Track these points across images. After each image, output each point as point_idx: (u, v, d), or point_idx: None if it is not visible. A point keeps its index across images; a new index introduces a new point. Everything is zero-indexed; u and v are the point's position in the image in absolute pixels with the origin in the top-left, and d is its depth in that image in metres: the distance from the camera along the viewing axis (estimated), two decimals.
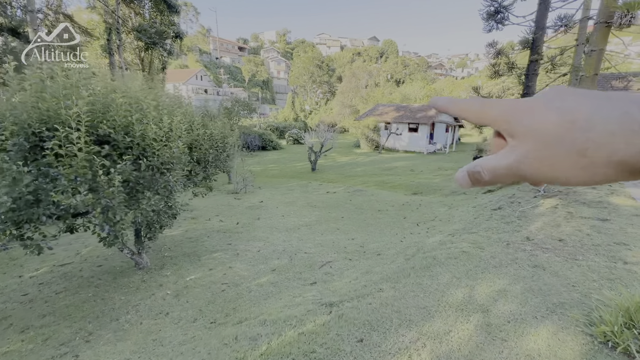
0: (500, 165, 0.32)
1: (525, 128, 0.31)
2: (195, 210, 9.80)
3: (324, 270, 5.30)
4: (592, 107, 0.28)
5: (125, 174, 3.94)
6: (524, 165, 0.31)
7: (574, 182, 0.30)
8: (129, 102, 4.13)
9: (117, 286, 5.29)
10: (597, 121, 0.27)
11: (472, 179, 0.34)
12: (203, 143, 5.92)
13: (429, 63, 76.51)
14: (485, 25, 11.47)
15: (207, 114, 7.99)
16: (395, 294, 3.06)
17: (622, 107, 0.27)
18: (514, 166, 0.31)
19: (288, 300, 4.08)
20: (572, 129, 0.28)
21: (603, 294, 2.44)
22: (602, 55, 7.06)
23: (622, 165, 0.27)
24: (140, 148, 4.20)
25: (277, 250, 6.42)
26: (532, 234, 4.48)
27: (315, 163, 18.19)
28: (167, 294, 4.95)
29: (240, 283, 5.07)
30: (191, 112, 5.84)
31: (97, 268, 6.01)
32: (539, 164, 0.30)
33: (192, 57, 67.33)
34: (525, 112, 0.31)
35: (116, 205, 3.82)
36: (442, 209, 9.27)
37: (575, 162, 0.28)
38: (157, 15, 21.56)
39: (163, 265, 6.02)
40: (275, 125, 38.49)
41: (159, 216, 4.86)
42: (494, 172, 0.32)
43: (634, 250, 3.57)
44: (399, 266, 4.23)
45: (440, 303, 2.77)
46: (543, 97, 0.31)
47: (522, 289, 2.90)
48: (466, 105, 0.35)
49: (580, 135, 0.28)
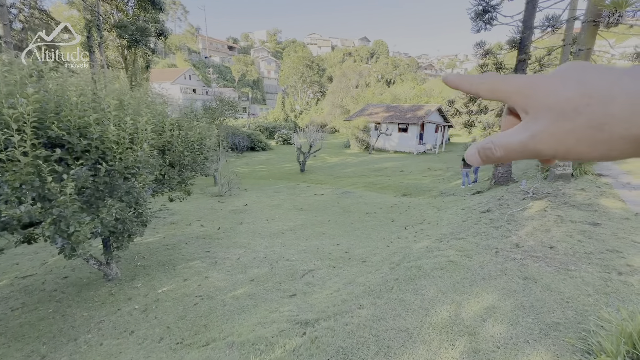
0: (513, 141, 0.31)
1: (542, 103, 0.30)
2: (176, 215, 9.38)
3: (305, 279, 4.99)
4: (613, 80, 0.27)
5: (81, 180, 3.56)
6: (539, 140, 0.30)
7: (588, 157, 0.30)
8: (86, 100, 3.74)
9: (81, 300, 4.89)
10: (618, 95, 0.27)
11: (482, 156, 0.33)
12: (177, 145, 5.55)
13: (419, 63, 76.99)
14: (473, 25, 11.37)
15: (189, 114, 7.59)
16: (375, 313, 2.78)
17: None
18: (529, 141, 0.31)
19: (263, 316, 3.76)
20: (591, 103, 0.28)
21: (601, 314, 2.21)
22: (590, 55, 6.95)
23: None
24: (99, 151, 3.82)
25: (257, 258, 6.09)
26: (521, 240, 4.26)
27: (304, 164, 17.87)
28: (135, 308, 4.57)
29: (215, 295, 4.72)
30: (163, 112, 5.46)
31: (62, 280, 5.58)
32: (555, 139, 0.29)
33: (181, 56, 66.19)
34: (543, 87, 0.31)
35: (69, 216, 3.44)
36: (431, 211, 9.07)
37: (592, 137, 0.28)
38: (140, 12, 20.90)
39: (135, 275, 5.62)
40: (265, 125, 37.98)
41: (125, 225, 4.47)
42: (506, 148, 0.32)
43: (627, 258, 3.38)
44: (383, 277, 3.96)
45: (423, 324, 2.50)
46: (562, 72, 0.31)
47: (513, 305, 2.65)
48: (479, 80, 0.35)
49: (600, 109, 0.27)
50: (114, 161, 3.90)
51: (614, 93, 0.27)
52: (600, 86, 0.28)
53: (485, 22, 11.10)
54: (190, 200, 11.00)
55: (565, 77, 0.30)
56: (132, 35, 18.09)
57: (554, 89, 0.30)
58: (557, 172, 7.78)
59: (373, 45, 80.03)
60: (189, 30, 79.24)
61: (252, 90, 67.90)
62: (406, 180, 15.02)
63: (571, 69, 0.30)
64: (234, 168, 17.75)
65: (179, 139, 5.57)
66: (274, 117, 49.71)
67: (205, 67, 66.73)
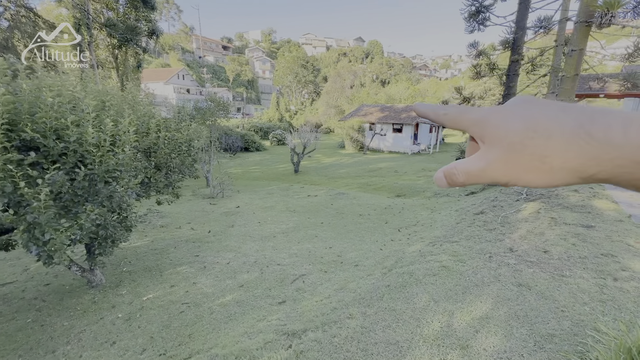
0: (473, 168, 0.34)
1: (494, 134, 0.33)
2: (166, 217, 9.19)
3: (295, 285, 4.86)
4: (551, 117, 0.30)
5: (57, 185, 3.39)
6: (493, 168, 0.33)
7: (535, 185, 0.33)
8: (63, 101, 3.57)
9: (63, 309, 4.70)
10: (555, 131, 0.30)
11: (448, 180, 0.36)
12: (163, 147, 5.38)
13: (413, 64, 77.32)
14: (467, 25, 11.35)
15: (178, 115, 7.41)
16: (364, 324, 2.66)
17: (576, 118, 0.29)
18: (485, 169, 0.33)
19: (249, 325, 3.62)
20: (535, 137, 0.30)
21: (597, 325, 2.11)
22: (582, 55, 6.92)
23: (575, 172, 0.30)
24: (77, 155, 3.65)
25: (248, 262, 5.94)
26: (515, 244, 4.18)
27: (297, 165, 17.72)
28: (118, 317, 4.40)
29: (202, 303, 4.57)
30: (149, 112, 5.28)
31: (44, 287, 5.38)
32: (506, 167, 0.32)
33: (174, 56, 65.58)
34: (495, 120, 0.33)
35: (45, 222, 3.27)
36: (425, 213, 9.00)
37: (536, 167, 0.31)
38: (131, 10, 20.58)
39: (120, 282, 5.45)
40: (259, 125, 37.71)
41: (107, 230, 4.30)
42: (467, 174, 0.35)
43: (622, 263, 3.30)
44: (374, 283, 3.84)
45: (413, 336, 2.39)
46: (510, 106, 0.34)
47: (507, 314, 2.55)
48: (443, 111, 0.38)
49: (542, 142, 0.30)
50: (94, 165, 3.73)
51: (552, 129, 0.30)
52: (542, 121, 0.30)
53: (479, 23, 11.09)
54: (181, 202, 10.80)
55: (513, 111, 0.33)
56: (122, 34, 17.77)
57: (504, 122, 0.32)
58: None
59: (368, 45, 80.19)
60: (183, 29, 78.58)
61: (246, 90, 67.51)
62: (400, 180, 14.96)
63: (519, 104, 0.33)
64: (227, 169, 17.54)
65: (165, 140, 5.40)
66: (269, 117, 49.42)
67: (199, 67, 66.20)
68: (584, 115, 0.29)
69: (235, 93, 64.09)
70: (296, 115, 53.11)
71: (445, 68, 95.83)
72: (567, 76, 6.99)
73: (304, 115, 51.76)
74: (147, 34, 21.07)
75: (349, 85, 51.51)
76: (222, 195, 11.99)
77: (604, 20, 6.13)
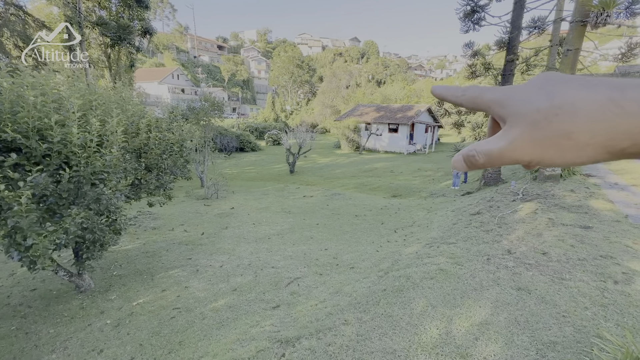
0: (493, 149, 0.33)
1: (517, 112, 0.32)
2: (159, 219, 9.02)
3: (290, 288, 4.75)
4: (577, 92, 0.30)
5: (40, 187, 3.25)
6: (515, 147, 0.32)
7: (560, 163, 0.32)
8: (47, 100, 3.43)
9: (49, 315, 4.54)
10: (581, 106, 0.29)
11: (467, 163, 0.35)
12: (154, 147, 5.23)
13: (409, 64, 77.52)
14: (462, 25, 11.33)
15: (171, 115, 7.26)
16: (360, 331, 2.57)
17: (605, 92, 0.28)
18: (507, 149, 0.32)
19: (242, 332, 3.51)
20: (559, 114, 0.30)
21: (601, 332, 2.04)
22: (578, 55, 6.91)
23: (604, 147, 0.29)
24: (61, 156, 3.51)
25: (242, 265, 5.82)
26: (513, 246, 4.12)
27: (293, 165, 17.60)
28: (107, 324, 4.26)
29: (194, 307, 4.45)
30: (139, 111, 5.14)
31: (30, 293, 5.21)
32: (529, 146, 0.31)
33: (169, 56, 64.99)
34: (518, 98, 0.33)
35: (26, 227, 3.13)
36: (421, 213, 8.94)
37: (562, 144, 0.30)
38: (124, 9, 20.30)
39: (109, 286, 5.29)
40: (255, 125, 37.50)
41: (95, 234, 4.15)
42: (488, 155, 0.33)
43: (622, 265, 3.25)
44: (370, 287, 3.75)
45: (411, 344, 2.30)
46: (534, 83, 0.33)
47: (507, 320, 2.47)
48: (462, 92, 0.37)
49: (567, 119, 0.29)
50: (79, 166, 3.59)
51: (578, 104, 0.29)
52: (567, 98, 0.30)
53: (474, 23, 11.07)
54: (174, 203, 10.63)
55: (536, 88, 0.32)
56: (114, 33, 17.51)
57: (527, 100, 0.32)
58: (546, 173, 7.73)
59: (363, 45, 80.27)
60: (177, 29, 77.93)
61: (242, 90, 67.17)
62: (396, 181, 14.91)
63: (542, 81, 0.32)
64: (222, 170, 17.37)
65: (156, 140, 5.26)
66: (264, 117, 49.21)
67: (194, 67, 65.70)
68: (613, 88, 0.28)
69: (231, 93, 63.74)
70: (292, 115, 52.95)
71: (440, 68, 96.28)
72: None
73: (299, 115, 51.61)
74: (141, 33, 20.80)
75: (344, 85, 51.48)
76: (216, 196, 11.83)
77: (600, 19, 6.11)
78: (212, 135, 14.17)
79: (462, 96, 0.36)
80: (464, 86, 0.37)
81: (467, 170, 0.36)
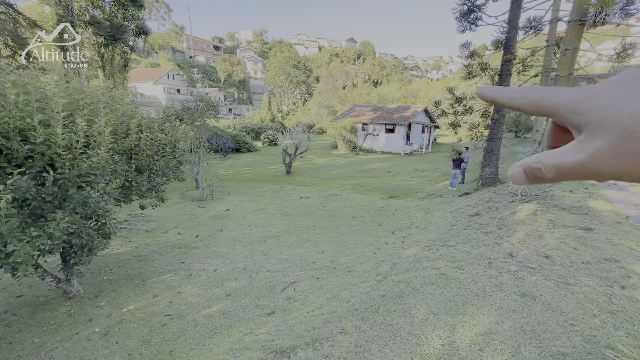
0: (567, 161, 0.29)
1: (600, 120, 0.27)
2: (152, 222, 8.83)
3: (286, 293, 4.62)
4: None
5: (21, 191, 3.09)
6: (598, 161, 0.27)
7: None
8: (29, 99, 3.27)
9: (35, 323, 4.36)
10: None
11: (529, 176, 0.31)
12: (145, 149, 5.07)
13: (405, 65, 77.71)
14: (459, 25, 11.28)
15: (164, 116, 7.09)
16: (359, 341, 2.44)
17: None
18: (587, 162, 0.28)
19: (235, 340, 3.37)
20: None
21: (612, 342, 1.93)
22: (576, 54, 6.86)
23: None
24: (45, 158, 3.35)
25: (236, 269, 5.68)
26: (515, 249, 4.01)
27: (289, 166, 17.46)
28: (95, 332, 4.09)
29: (187, 314, 4.29)
30: (129, 111, 4.97)
31: (16, 299, 5.02)
32: (617, 159, 0.27)
33: (164, 56, 64.50)
34: (600, 101, 0.28)
35: (6, 233, 2.97)
36: (419, 214, 8.85)
37: None
38: (118, 8, 20.04)
39: (99, 292, 5.12)
40: (251, 126, 37.29)
41: (82, 239, 3.99)
42: (559, 168, 0.29)
43: (627, 268, 3.16)
44: (369, 292, 3.63)
45: (413, 356, 2.17)
46: (619, 85, 0.28)
47: (512, 329, 2.36)
48: (520, 94, 0.32)
49: None
50: (64, 168, 3.43)
51: None
52: None
53: (471, 22, 11.03)
54: (168, 205, 10.44)
55: (623, 90, 0.27)
56: (108, 33, 17.26)
57: (613, 104, 0.27)
58: None
59: (360, 46, 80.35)
60: (173, 29, 77.52)
61: (238, 91, 66.87)
62: (393, 181, 14.83)
63: (629, 81, 0.27)
64: (217, 170, 17.17)
65: (147, 141, 5.10)
66: (261, 117, 48.97)
67: (189, 67, 65.26)
68: None
69: (227, 93, 63.44)
70: (288, 116, 52.79)
71: (436, 69, 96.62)
72: (561, 75, 6.91)
73: (296, 115, 51.46)
74: (135, 33, 20.55)
75: (341, 85, 51.44)
76: (211, 198, 11.66)
77: (598, 18, 6.06)
78: (207, 136, 14.00)
79: (521, 99, 0.31)
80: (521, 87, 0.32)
81: (527, 184, 0.31)
